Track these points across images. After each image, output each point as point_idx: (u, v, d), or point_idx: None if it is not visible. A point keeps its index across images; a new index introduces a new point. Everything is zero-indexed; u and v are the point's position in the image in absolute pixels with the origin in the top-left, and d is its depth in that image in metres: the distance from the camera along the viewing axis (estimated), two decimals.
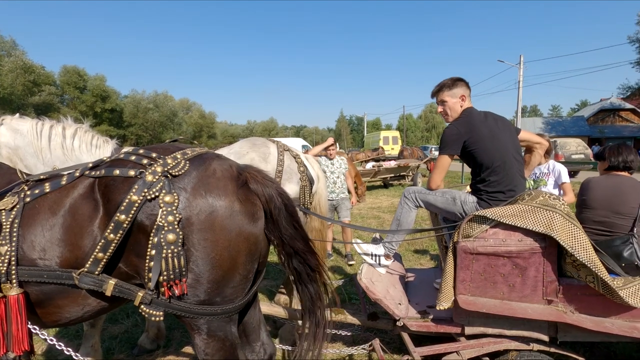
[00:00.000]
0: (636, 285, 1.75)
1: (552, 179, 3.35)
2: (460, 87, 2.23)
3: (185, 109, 62.40)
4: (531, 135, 2.41)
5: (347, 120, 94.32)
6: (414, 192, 2.33)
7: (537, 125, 36.18)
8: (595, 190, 2.33)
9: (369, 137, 33.56)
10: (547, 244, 1.79)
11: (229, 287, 1.51)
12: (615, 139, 33.46)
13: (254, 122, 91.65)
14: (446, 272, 1.96)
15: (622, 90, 30.79)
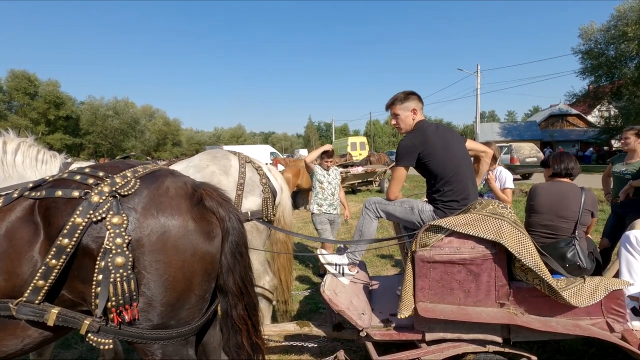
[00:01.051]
0: (577, 286, 1.89)
1: (498, 183, 3.53)
2: (412, 100, 2.33)
3: (148, 115, 60.14)
4: (476, 145, 2.53)
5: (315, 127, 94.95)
6: (375, 202, 2.38)
7: (494, 130, 38.21)
8: (541, 196, 2.49)
9: (337, 143, 33.93)
10: (497, 250, 1.88)
11: (185, 309, 1.46)
12: (564, 142, 36.06)
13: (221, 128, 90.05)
14: (406, 280, 2.01)
15: (569, 97, 33.19)
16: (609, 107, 31.57)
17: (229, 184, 2.67)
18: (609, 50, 27.07)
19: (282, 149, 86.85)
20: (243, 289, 1.58)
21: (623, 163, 3.54)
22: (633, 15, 23.59)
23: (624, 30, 24.74)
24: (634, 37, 23.78)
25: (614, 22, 26.04)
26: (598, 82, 29.35)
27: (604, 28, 27.00)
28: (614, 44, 26.28)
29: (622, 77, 27.26)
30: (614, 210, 3.64)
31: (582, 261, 2.27)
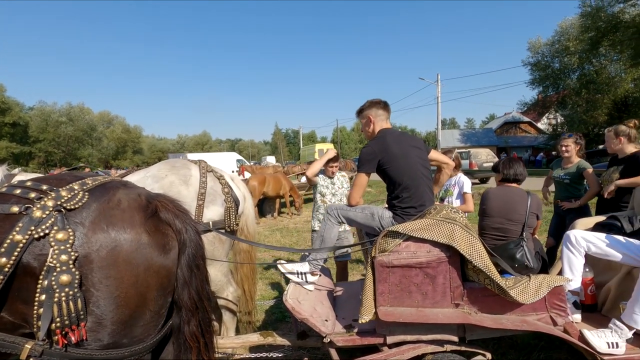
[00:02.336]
0: (524, 284, 2.02)
1: (457, 189, 3.72)
2: (371, 109, 2.42)
3: (106, 122, 57.32)
4: (440, 156, 2.66)
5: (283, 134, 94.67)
6: (336, 209, 2.42)
7: (455, 137, 40.02)
8: (492, 201, 2.64)
9: (305, 150, 34.05)
10: (451, 253, 1.97)
11: (138, 326, 1.41)
12: (518, 148, 38.40)
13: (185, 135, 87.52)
14: (366, 285, 2.06)
15: (521, 106, 35.57)
16: (555, 115, 34.07)
17: (189, 194, 2.61)
18: (554, 63, 29.32)
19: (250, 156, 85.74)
20: (198, 304, 1.54)
21: (561, 168, 3.84)
22: (574, 31, 25.76)
23: (566, 45, 26.93)
24: (575, 51, 25.92)
25: (558, 37, 28.28)
26: (546, 92, 31.66)
27: (549, 42, 29.25)
28: (558, 57, 28.51)
29: (566, 88, 29.58)
30: (557, 212, 3.93)
31: (529, 261, 2.42)
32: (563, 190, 3.84)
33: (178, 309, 1.53)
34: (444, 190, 3.86)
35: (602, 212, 3.32)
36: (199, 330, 1.54)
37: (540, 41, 29.90)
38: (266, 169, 16.84)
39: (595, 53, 24.00)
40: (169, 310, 1.54)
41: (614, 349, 2.02)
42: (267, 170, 14.75)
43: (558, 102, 31.45)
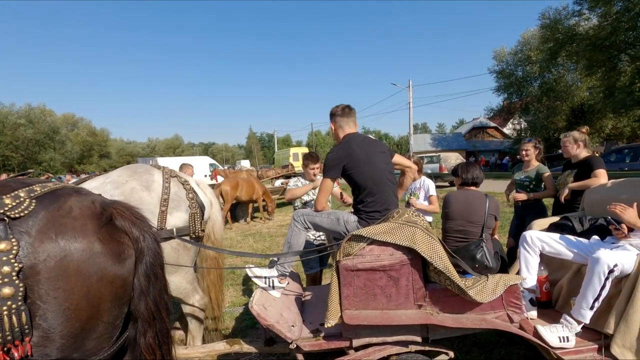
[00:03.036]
0: (482, 284, 2.10)
1: (423, 192, 3.83)
2: (339, 116, 2.47)
3: (70, 125, 54.67)
4: (403, 160, 2.73)
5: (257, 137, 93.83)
6: (303, 214, 2.43)
7: (426, 141, 41.15)
8: (453, 204, 2.74)
9: (280, 154, 33.92)
10: (412, 255, 2.03)
11: (91, 339, 1.35)
12: (485, 152, 39.95)
13: (156, 139, 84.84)
14: (332, 289, 2.08)
15: (487, 112, 37.14)
16: (520, 120, 35.77)
17: (151, 200, 2.54)
18: (518, 71, 30.84)
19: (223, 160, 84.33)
20: (156, 314, 1.49)
21: (522, 171, 4.04)
22: (535, 42, 27.21)
23: (528, 54, 28.40)
24: (536, 61, 27.37)
25: (521, 47, 29.79)
26: (510, 98, 33.21)
27: (512, 52, 30.74)
28: (521, 65, 30.02)
29: (528, 95, 31.16)
30: (517, 213, 4.13)
31: (488, 261, 2.53)
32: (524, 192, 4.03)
33: (134, 320, 1.48)
34: (409, 194, 3.97)
35: (557, 213, 3.52)
36: (155, 342, 1.49)
37: (504, 50, 31.41)
38: (240, 173, 16.59)
39: (554, 63, 25.46)
40: (124, 321, 1.49)
41: (565, 342, 2.14)
42: (240, 175, 14.53)
43: (522, 108, 33.10)
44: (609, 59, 20.64)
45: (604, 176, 3.35)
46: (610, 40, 18.89)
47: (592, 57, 20.73)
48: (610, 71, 21.32)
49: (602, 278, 2.12)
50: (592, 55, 20.53)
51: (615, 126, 26.92)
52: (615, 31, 18.45)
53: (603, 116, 26.05)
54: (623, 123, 25.54)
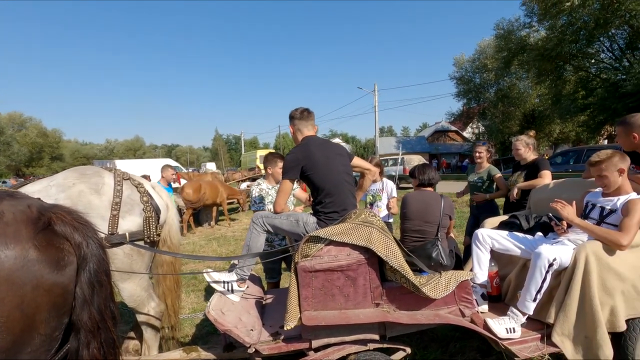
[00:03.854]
0: (435, 281, 2.18)
1: (385, 194, 3.93)
2: (298, 120, 2.50)
3: (17, 125, 50.73)
4: (362, 162, 2.78)
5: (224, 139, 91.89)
6: (262, 217, 2.41)
7: (391, 144, 42.22)
8: (410, 205, 2.83)
9: (246, 156, 33.40)
10: (369, 255, 2.07)
11: (25, 352, 1.26)
12: (447, 154, 41.62)
13: (115, 140, 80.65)
14: (290, 291, 2.07)
15: (448, 116, 38.77)
16: (478, 124, 37.61)
17: (101, 203, 2.41)
18: (476, 78, 32.43)
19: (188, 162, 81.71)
20: (100, 324, 1.41)
21: (474, 173, 4.25)
22: (490, 51, 28.75)
23: (484, 62, 29.98)
24: (492, 69, 28.95)
25: (478, 55, 31.38)
26: (469, 104, 34.85)
27: (471, 59, 32.31)
28: (478, 72, 31.63)
29: (485, 101, 32.87)
30: (472, 212, 4.34)
31: (443, 259, 2.63)
32: (476, 192, 4.24)
33: (76, 331, 1.39)
34: (371, 195, 4.05)
35: (508, 212, 3.74)
36: (100, 353, 1.41)
37: (463, 58, 32.96)
38: (204, 176, 16.14)
39: (508, 71, 27.03)
40: (65, 332, 1.40)
41: (511, 333, 2.27)
42: (205, 177, 14.14)
43: (480, 113, 34.87)
44: (556, 69, 22.26)
45: (549, 177, 3.61)
46: (556, 51, 20.35)
47: (541, 67, 22.25)
48: (556, 80, 23.01)
49: (543, 271, 2.27)
50: (540, 64, 22.03)
51: (562, 131, 29.07)
52: (560, 43, 19.91)
53: (551, 121, 28.07)
54: (569, 128, 27.63)
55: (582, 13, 18.36)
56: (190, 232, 9.43)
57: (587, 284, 2.18)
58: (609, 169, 2.38)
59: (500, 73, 27.90)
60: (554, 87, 23.62)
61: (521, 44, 23.25)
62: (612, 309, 2.17)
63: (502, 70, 26.83)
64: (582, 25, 19.20)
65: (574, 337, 2.22)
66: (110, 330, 1.45)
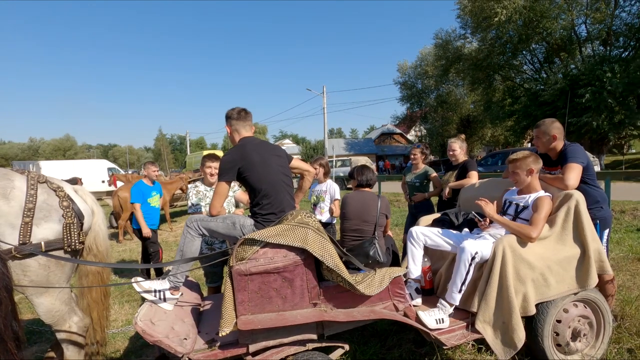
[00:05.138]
0: (370, 278, 2.26)
1: (329, 195, 4.00)
2: (234, 120, 2.45)
3: None
4: (301, 164, 2.79)
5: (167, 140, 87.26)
6: (196, 220, 2.32)
7: (340, 146, 43.10)
8: (349, 205, 2.90)
9: (192, 157, 31.98)
10: (305, 256, 2.09)
11: None
12: (392, 156, 43.44)
13: (41, 139, 72.87)
14: (225, 296, 2.02)
15: (393, 119, 40.58)
16: (420, 127, 39.82)
17: (10, 210, 2.16)
18: (418, 84, 34.32)
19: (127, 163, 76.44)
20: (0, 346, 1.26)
21: (411, 173, 4.50)
22: (430, 58, 30.61)
23: (425, 69, 31.83)
24: (432, 75, 30.84)
25: (419, 62, 33.23)
26: (412, 108, 36.79)
27: (413, 66, 34.13)
28: (420, 79, 33.51)
29: (427, 105, 34.92)
30: (410, 211, 4.57)
31: (380, 256, 2.73)
32: (414, 192, 4.48)
33: None
34: (315, 196, 4.10)
35: (441, 210, 4.01)
36: None
37: (406, 64, 34.73)
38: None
39: (446, 78, 29.01)
40: None
41: (440, 324, 2.43)
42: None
43: (422, 117, 36.97)
44: (487, 78, 24.34)
45: (476, 177, 3.92)
46: (487, 61, 22.28)
47: (474, 75, 24.21)
48: (488, 88, 25.18)
49: (467, 264, 2.46)
50: (474, 73, 23.96)
51: (493, 134, 31.83)
52: (490, 54, 21.83)
53: (484, 126, 30.64)
54: (498, 132, 30.35)
55: (508, 28, 20.28)
56: (127, 239, 8.81)
57: (504, 274, 2.40)
58: (521, 167, 2.65)
59: (440, 80, 29.86)
60: (486, 94, 25.86)
61: (457, 53, 25.09)
62: (524, 296, 2.41)
63: (441, 77, 28.73)
64: (508, 39, 21.21)
65: (494, 323, 2.43)
66: (12, 352, 1.30)
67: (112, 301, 4.62)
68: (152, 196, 5.09)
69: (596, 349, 2.60)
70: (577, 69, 19.54)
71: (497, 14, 19.13)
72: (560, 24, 19.60)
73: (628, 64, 17.57)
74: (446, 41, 25.99)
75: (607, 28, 19.23)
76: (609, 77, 16.89)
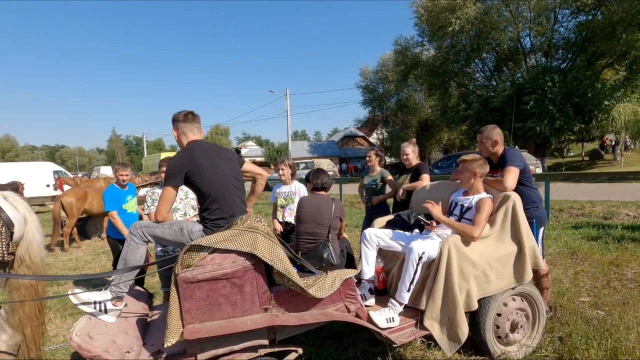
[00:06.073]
0: (321, 281, 2.28)
1: (298, 196, 3.97)
2: (181, 122, 2.38)
3: None
4: (253, 167, 2.76)
5: (122, 141, 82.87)
6: (141, 227, 2.22)
7: (304, 148, 43.25)
8: (304, 208, 2.92)
9: (149, 160, 30.58)
10: (255, 261, 2.06)
11: None
12: (354, 158, 44.22)
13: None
14: (171, 305, 1.95)
15: (356, 122, 41.34)
16: (382, 131, 40.87)
17: None
18: (379, 88, 35.23)
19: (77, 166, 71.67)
20: None
21: (368, 176, 4.61)
22: (391, 64, 31.55)
23: (386, 74, 32.76)
24: (392, 80, 31.80)
25: (380, 67, 34.15)
26: (374, 111, 37.66)
27: (374, 70, 35.00)
28: (381, 83, 34.44)
29: (388, 109, 35.94)
30: (367, 212, 4.68)
31: (334, 259, 2.76)
32: (371, 194, 4.59)
33: None
34: (283, 198, 4.07)
35: (396, 211, 4.14)
36: None
37: (368, 69, 35.57)
38: (95, 181, 14.26)
39: (405, 83, 30.05)
40: None
41: (391, 323, 2.50)
42: (95, 184, 12.50)
43: (383, 121, 37.97)
44: (443, 84, 25.54)
45: (427, 179, 4.09)
46: (442, 68, 23.37)
47: (431, 81, 25.31)
48: (444, 94, 26.42)
49: (414, 264, 2.56)
50: (431, 79, 25.05)
51: (449, 138, 33.40)
52: (445, 62, 22.92)
53: (441, 129, 32.07)
54: (454, 136, 31.88)
55: (461, 38, 21.43)
56: (74, 246, 8.23)
57: (449, 272, 2.52)
58: (467, 168, 2.82)
59: (399, 85, 30.87)
60: (442, 99, 27.12)
61: (415, 60, 26.09)
62: (467, 292, 2.55)
63: (400, 82, 29.72)
64: (461, 48, 22.39)
65: (440, 319, 2.54)
66: None
67: (53, 315, 4.30)
68: (127, 201, 4.52)
69: (532, 339, 2.80)
70: (522, 78, 21.05)
71: (451, 23, 20.14)
72: (508, 36, 21.03)
73: (566, 74, 19.24)
74: (405, 48, 26.93)
75: (548, 41, 20.95)
76: (550, 86, 18.38)
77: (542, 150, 21.02)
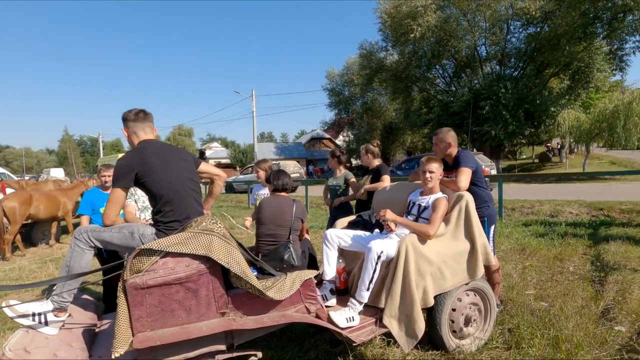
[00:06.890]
0: (280, 283, 2.26)
1: None
2: (132, 121, 2.27)
3: None
4: (211, 168, 2.68)
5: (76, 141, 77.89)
6: (86, 231, 2.08)
7: (271, 150, 42.87)
8: (265, 210, 2.88)
9: (104, 161, 28.96)
10: (210, 264, 2.00)
11: None
12: (321, 160, 44.46)
13: None
14: (119, 313, 1.84)
15: (322, 125, 41.62)
16: (348, 133, 41.41)
17: None
18: (345, 91, 35.69)
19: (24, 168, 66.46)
20: None
21: (333, 178, 4.65)
22: (356, 67, 32.07)
23: (351, 77, 33.26)
24: (358, 84, 32.34)
25: (346, 70, 34.63)
26: (340, 114, 38.08)
27: (340, 73, 35.43)
28: (347, 86, 34.92)
29: (354, 112, 36.49)
30: (331, 213, 4.71)
31: (295, 260, 2.74)
32: (335, 195, 4.62)
33: None
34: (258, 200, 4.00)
35: (358, 211, 4.20)
36: None
37: (334, 71, 35.91)
38: (43, 184, 13.26)
39: (370, 87, 30.66)
40: None
41: (351, 322, 2.52)
42: (44, 187, 11.63)
43: (349, 123, 38.50)
44: (406, 88, 26.34)
45: (388, 180, 4.18)
46: (405, 73, 24.10)
47: (395, 85, 26.01)
48: (407, 98, 27.26)
49: (373, 263, 2.60)
50: (394, 83, 25.74)
51: (412, 140, 34.50)
52: (408, 67, 23.66)
53: (404, 132, 33.02)
54: (417, 138, 32.98)
55: (423, 44, 22.21)
56: (17, 254, 7.60)
57: (407, 270, 2.58)
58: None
59: (365, 88, 31.44)
60: (405, 103, 27.96)
61: (380, 64, 26.71)
62: (424, 289, 2.63)
63: (365, 85, 30.27)
64: (423, 54, 23.22)
65: (399, 316, 2.60)
66: None
67: None
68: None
69: (484, 332, 2.94)
70: (479, 84, 22.20)
71: (413, 30, 20.82)
72: (466, 44, 22.11)
73: (517, 82, 20.54)
74: (370, 52, 27.49)
75: (502, 50, 22.28)
76: (504, 93, 19.55)
77: (497, 153, 22.24)
